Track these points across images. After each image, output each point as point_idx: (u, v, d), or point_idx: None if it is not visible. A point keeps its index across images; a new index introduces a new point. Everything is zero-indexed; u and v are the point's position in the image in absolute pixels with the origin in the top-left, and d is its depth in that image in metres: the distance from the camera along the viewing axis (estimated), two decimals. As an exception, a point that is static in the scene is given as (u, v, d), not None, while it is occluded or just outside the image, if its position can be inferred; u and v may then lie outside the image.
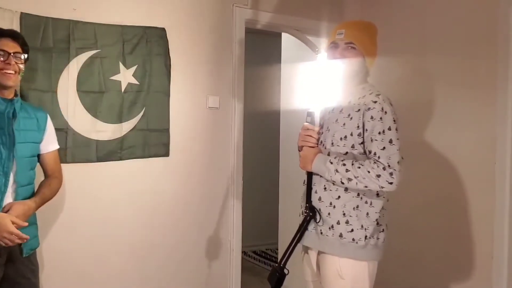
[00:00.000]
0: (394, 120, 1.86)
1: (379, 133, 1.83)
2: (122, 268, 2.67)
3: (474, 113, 2.69)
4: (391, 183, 1.80)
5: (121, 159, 2.63)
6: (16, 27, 2.29)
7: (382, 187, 1.82)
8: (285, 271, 1.93)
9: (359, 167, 1.82)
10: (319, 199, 1.96)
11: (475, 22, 2.69)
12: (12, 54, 1.91)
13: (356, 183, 1.83)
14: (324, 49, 2.09)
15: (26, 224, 1.87)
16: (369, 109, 1.86)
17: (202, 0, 2.89)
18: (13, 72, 1.91)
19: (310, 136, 2.00)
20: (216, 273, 2.99)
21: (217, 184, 2.98)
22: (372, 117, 1.85)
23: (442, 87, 2.86)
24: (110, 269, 2.63)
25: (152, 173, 2.74)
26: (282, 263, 1.93)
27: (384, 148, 1.82)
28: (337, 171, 1.85)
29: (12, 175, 1.89)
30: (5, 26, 2.26)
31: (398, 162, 1.81)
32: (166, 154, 2.77)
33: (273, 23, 3.17)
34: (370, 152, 1.85)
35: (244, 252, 3.84)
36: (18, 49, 1.95)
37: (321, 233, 1.94)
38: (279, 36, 4.01)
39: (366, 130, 1.86)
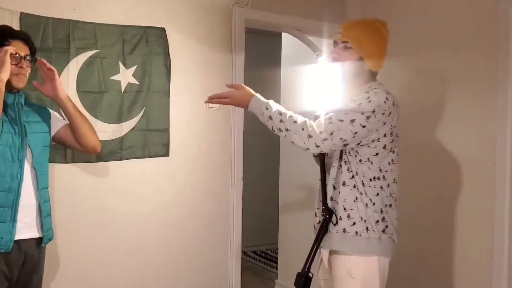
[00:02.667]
0: (374, 111, 1.80)
1: (344, 107, 1.83)
2: (122, 268, 2.67)
3: (474, 113, 2.69)
4: (317, 147, 1.81)
5: (121, 159, 2.63)
6: (16, 27, 2.28)
7: (308, 149, 1.81)
8: (310, 274, 1.95)
9: (294, 122, 1.81)
10: (331, 199, 1.96)
11: (475, 21, 2.69)
12: (24, 57, 1.94)
13: (285, 135, 1.83)
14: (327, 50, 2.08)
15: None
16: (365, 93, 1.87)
17: (202, 0, 2.89)
18: (25, 75, 1.95)
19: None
20: (216, 273, 2.99)
21: (217, 184, 2.98)
22: (354, 101, 1.86)
23: (442, 87, 2.86)
24: (110, 269, 2.63)
25: (152, 173, 2.74)
26: (307, 267, 1.95)
27: (337, 118, 1.80)
28: (270, 118, 1.84)
29: (28, 164, 1.93)
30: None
31: (341, 139, 1.79)
32: (166, 154, 2.77)
33: (274, 23, 3.17)
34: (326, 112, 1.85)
35: (244, 252, 3.84)
36: (28, 51, 1.98)
37: (329, 231, 1.95)
38: (279, 36, 4.01)
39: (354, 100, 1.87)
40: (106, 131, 2.56)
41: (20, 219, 1.89)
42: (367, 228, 1.88)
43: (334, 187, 1.95)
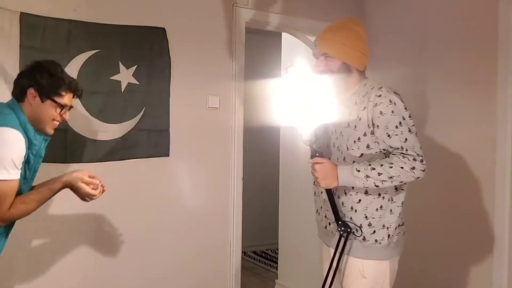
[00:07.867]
0: (405, 108, 1.84)
1: (396, 126, 1.81)
2: (122, 268, 2.67)
3: (474, 113, 2.69)
4: (423, 170, 1.81)
5: (121, 159, 2.63)
6: (16, 27, 2.29)
7: (418, 177, 1.82)
8: None
9: (390, 167, 1.79)
10: (342, 204, 1.94)
11: (476, 21, 2.70)
12: (70, 108, 1.88)
13: (392, 182, 1.80)
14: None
15: None
16: (376, 104, 1.83)
17: (203, 0, 2.89)
18: (60, 122, 1.88)
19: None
20: (216, 273, 2.99)
21: (217, 184, 2.98)
22: (381, 112, 1.82)
23: (442, 87, 2.86)
24: (110, 269, 2.64)
25: (152, 173, 2.74)
26: None
27: (406, 139, 1.81)
28: (368, 176, 1.80)
29: None
30: (5, 26, 2.27)
31: (420, 147, 1.83)
32: (166, 154, 2.77)
33: (274, 23, 3.17)
34: (392, 147, 1.83)
35: (244, 252, 3.84)
36: (72, 101, 1.90)
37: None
38: (279, 36, 4.01)
39: (378, 126, 1.83)
40: (106, 131, 2.57)
41: None
42: (388, 235, 1.88)
43: (345, 193, 1.93)
